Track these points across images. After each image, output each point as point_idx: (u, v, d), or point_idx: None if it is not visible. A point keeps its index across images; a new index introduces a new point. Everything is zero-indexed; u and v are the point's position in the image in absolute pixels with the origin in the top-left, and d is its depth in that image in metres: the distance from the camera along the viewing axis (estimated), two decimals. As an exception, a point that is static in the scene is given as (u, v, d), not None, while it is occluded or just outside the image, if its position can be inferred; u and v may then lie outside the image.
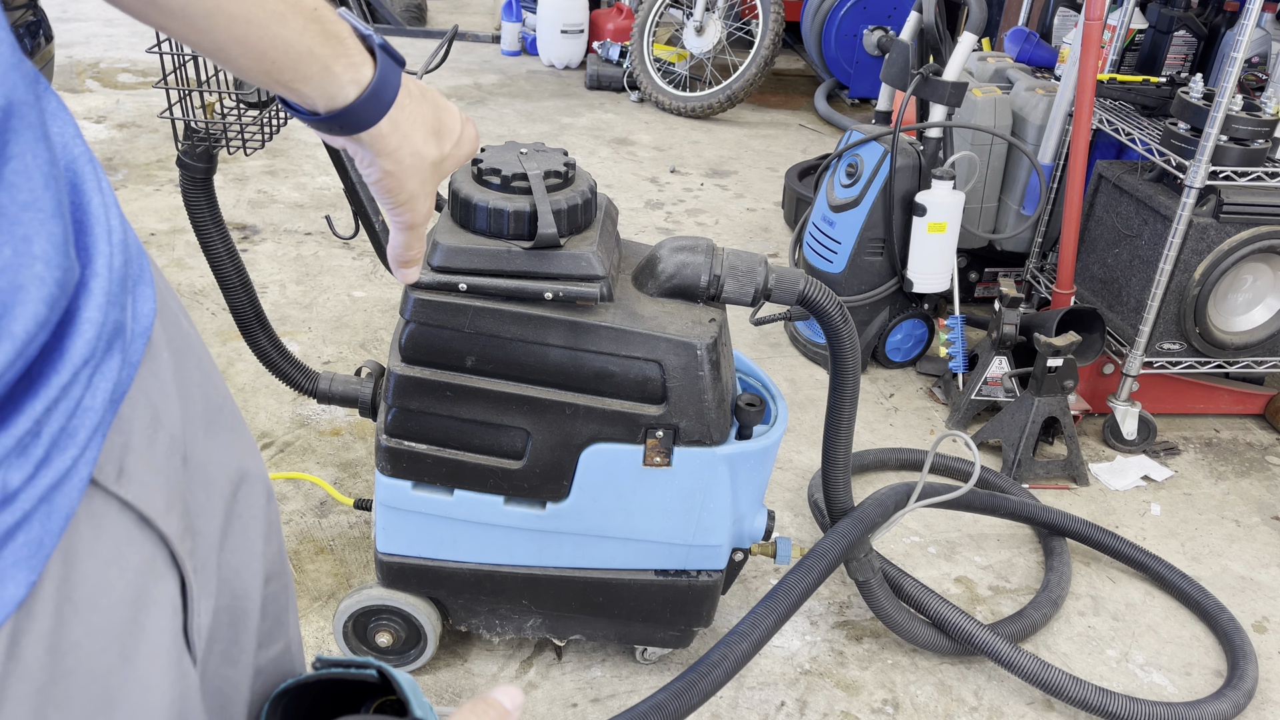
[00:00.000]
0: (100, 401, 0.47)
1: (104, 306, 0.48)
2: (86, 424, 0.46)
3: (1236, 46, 2.13)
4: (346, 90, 0.66)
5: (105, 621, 0.47)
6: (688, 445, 1.49)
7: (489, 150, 1.52)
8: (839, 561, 1.67)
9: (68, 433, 0.45)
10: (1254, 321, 2.48)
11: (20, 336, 0.41)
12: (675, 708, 1.43)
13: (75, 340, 0.45)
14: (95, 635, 0.47)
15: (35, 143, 0.43)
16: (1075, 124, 2.46)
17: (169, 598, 0.53)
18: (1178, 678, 1.89)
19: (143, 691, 0.49)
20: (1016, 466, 2.36)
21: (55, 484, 0.44)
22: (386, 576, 1.66)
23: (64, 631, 0.45)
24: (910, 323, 2.76)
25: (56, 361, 0.45)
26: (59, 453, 0.45)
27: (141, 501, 0.51)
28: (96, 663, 0.47)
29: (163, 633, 0.52)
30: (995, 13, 4.38)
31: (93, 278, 0.48)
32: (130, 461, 0.51)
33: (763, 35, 4.67)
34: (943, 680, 1.84)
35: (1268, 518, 2.36)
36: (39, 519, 0.43)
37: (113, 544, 0.49)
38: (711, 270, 1.50)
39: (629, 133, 4.61)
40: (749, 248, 3.38)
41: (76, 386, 0.46)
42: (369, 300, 2.97)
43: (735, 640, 1.53)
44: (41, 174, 0.43)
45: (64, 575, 0.45)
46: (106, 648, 0.47)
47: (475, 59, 5.58)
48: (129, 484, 0.50)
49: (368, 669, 0.61)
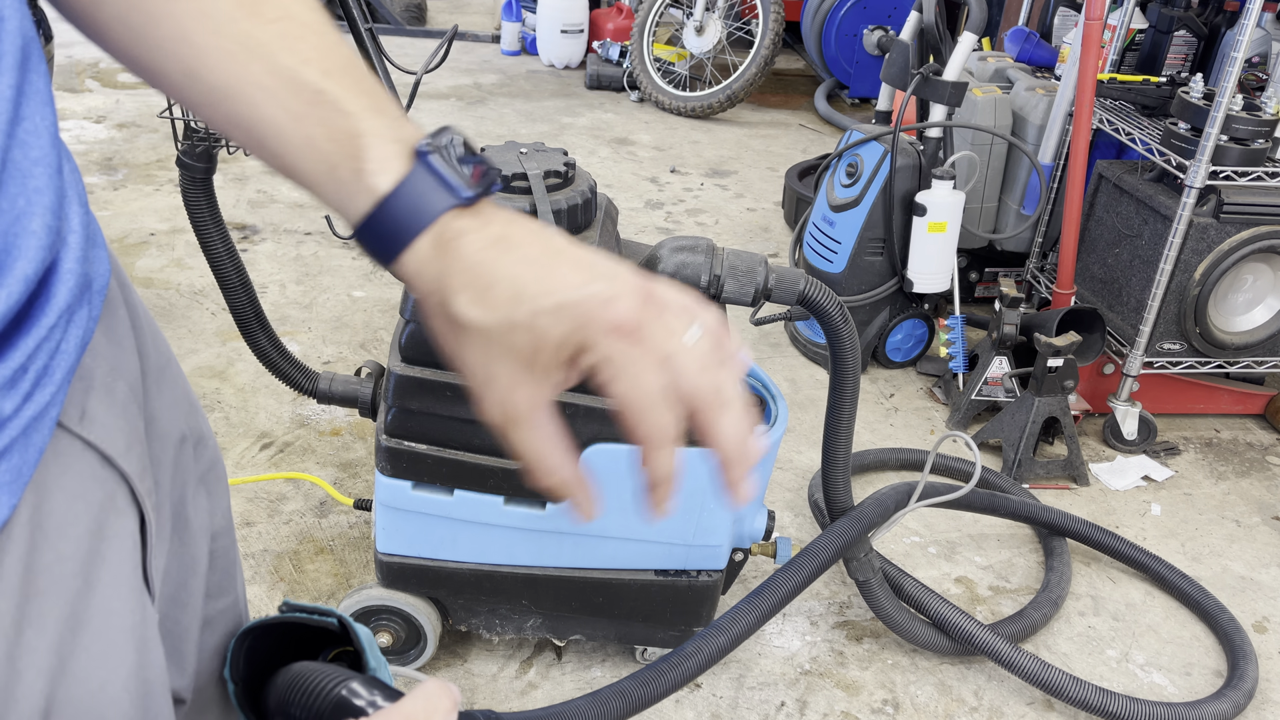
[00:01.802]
0: (73, 347, 0.51)
1: (80, 259, 0.51)
2: (62, 365, 0.50)
3: (1237, 46, 2.13)
4: (357, 200, 0.52)
5: (73, 549, 0.51)
6: (687, 445, 1.49)
7: (489, 150, 1.52)
8: (831, 561, 1.66)
9: (48, 371, 0.49)
10: (1254, 321, 2.48)
11: (28, 277, 0.45)
12: (640, 695, 1.39)
13: (59, 288, 0.49)
14: (64, 560, 0.50)
15: (43, 105, 0.47)
16: (1075, 124, 2.46)
17: (129, 532, 0.56)
18: (1178, 678, 1.89)
19: (105, 615, 0.52)
20: (1017, 466, 2.36)
21: (35, 417, 0.48)
22: (386, 576, 1.66)
23: (36, 555, 0.49)
24: (910, 323, 2.76)
25: (45, 305, 0.48)
26: (40, 389, 0.48)
27: (103, 441, 0.53)
28: (66, 586, 0.50)
29: (123, 563, 0.55)
30: (995, 12, 4.38)
31: (70, 234, 0.51)
32: (91, 405, 0.53)
33: (763, 35, 4.67)
34: (943, 680, 1.84)
35: (1268, 518, 2.36)
36: (19, 449, 0.47)
37: (78, 479, 0.52)
38: (711, 270, 1.50)
39: (629, 132, 4.61)
40: (749, 248, 3.38)
41: (58, 330, 0.49)
42: (369, 300, 2.97)
43: (713, 634, 1.51)
44: (49, 134, 0.46)
45: (36, 504, 0.49)
46: (75, 572, 0.51)
47: (475, 59, 5.58)
48: (91, 425, 0.53)
49: (329, 617, 0.64)
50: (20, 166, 0.45)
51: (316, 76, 0.51)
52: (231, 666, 0.66)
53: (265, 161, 0.54)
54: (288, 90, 0.51)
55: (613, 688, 1.38)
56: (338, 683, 0.58)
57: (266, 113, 0.51)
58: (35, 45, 0.48)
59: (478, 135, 4.41)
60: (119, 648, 0.54)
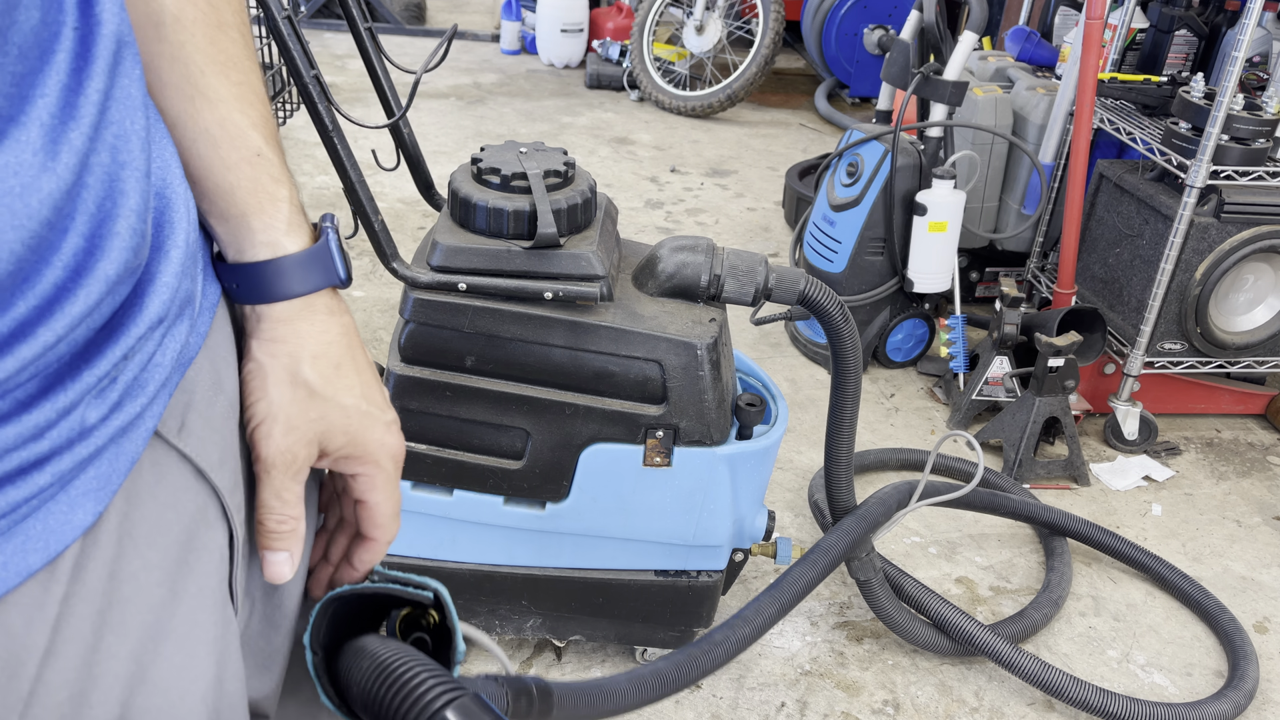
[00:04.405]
0: (169, 359, 0.52)
1: (179, 274, 0.52)
2: (155, 378, 0.51)
3: (1238, 46, 2.13)
4: (257, 249, 0.59)
5: (161, 558, 0.53)
6: (688, 445, 1.49)
7: (488, 149, 1.51)
8: (843, 557, 1.67)
9: (139, 383, 0.50)
10: (1255, 321, 2.47)
11: (109, 278, 0.46)
12: (675, 678, 1.41)
13: (152, 299, 0.50)
14: (151, 569, 0.52)
15: (134, 110, 0.48)
16: (1076, 123, 2.46)
17: (217, 546, 0.58)
18: (1179, 678, 1.89)
19: (188, 626, 0.54)
20: (1017, 466, 2.35)
21: (125, 427, 0.49)
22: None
23: (122, 561, 0.50)
24: (911, 322, 2.75)
25: (136, 315, 0.49)
26: (130, 400, 0.50)
27: (198, 455, 0.56)
28: (151, 595, 0.52)
29: (209, 575, 0.56)
30: (996, 11, 4.37)
31: (173, 247, 0.53)
32: (191, 419, 0.56)
33: (763, 34, 4.67)
34: (943, 681, 1.84)
35: (1269, 518, 2.36)
36: (109, 457, 0.48)
37: (171, 490, 0.54)
38: (712, 270, 1.50)
39: (629, 132, 4.61)
40: (749, 247, 3.38)
41: (149, 342, 0.51)
42: (368, 300, 2.97)
43: (738, 624, 1.51)
44: (138, 138, 0.48)
45: (125, 511, 0.51)
46: (161, 581, 0.53)
47: (474, 58, 5.58)
48: (188, 438, 0.55)
49: (425, 590, 0.64)
50: (107, 170, 0.46)
51: (260, 140, 0.59)
52: (313, 634, 0.65)
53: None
54: (231, 143, 0.57)
55: (651, 667, 1.39)
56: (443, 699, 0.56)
57: (203, 151, 0.57)
58: (131, 49, 0.48)
59: (477, 135, 4.41)
60: (199, 660, 0.55)
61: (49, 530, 0.46)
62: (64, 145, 0.43)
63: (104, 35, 0.46)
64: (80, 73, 0.45)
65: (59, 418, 0.45)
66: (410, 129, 1.59)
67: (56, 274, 0.44)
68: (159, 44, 0.55)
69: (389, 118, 1.49)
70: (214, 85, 0.57)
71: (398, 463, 0.66)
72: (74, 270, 0.44)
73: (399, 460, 0.66)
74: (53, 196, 0.42)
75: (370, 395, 0.64)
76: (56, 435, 0.45)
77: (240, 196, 0.58)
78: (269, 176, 0.59)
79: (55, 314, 0.44)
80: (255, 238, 0.59)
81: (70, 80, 0.44)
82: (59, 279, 0.44)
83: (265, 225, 0.59)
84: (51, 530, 0.46)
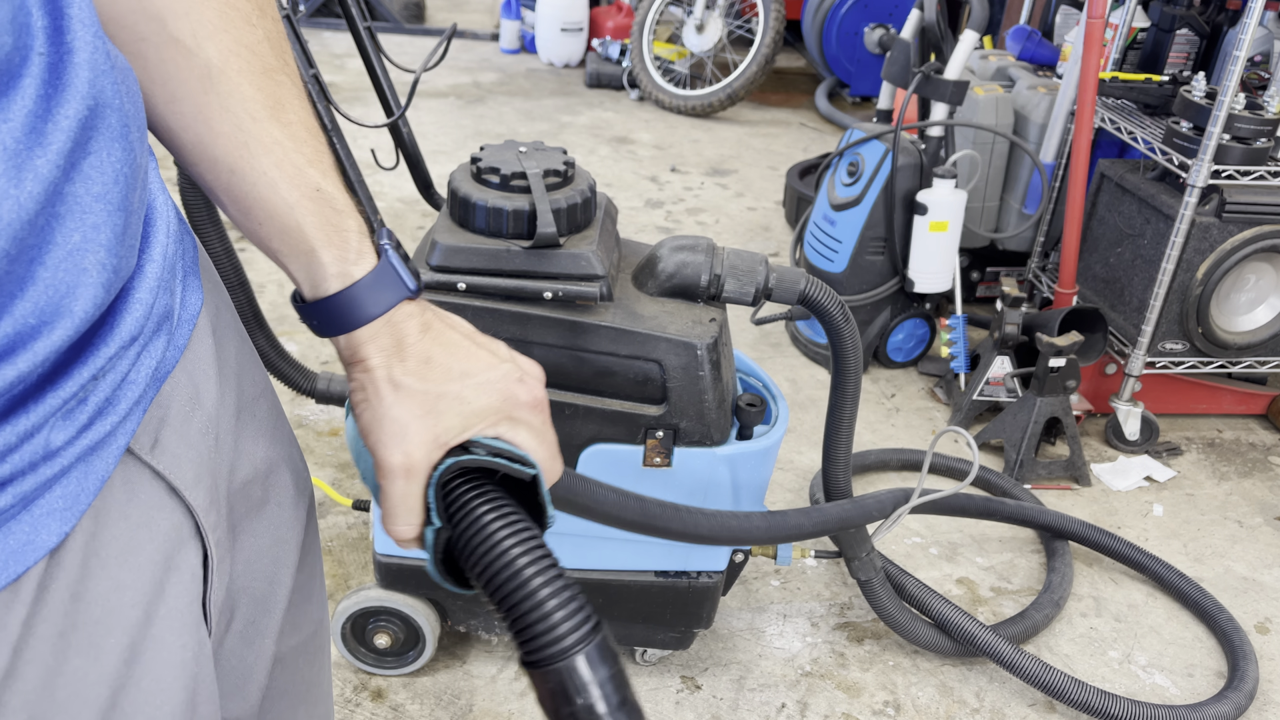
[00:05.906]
0: (144, 377, 0.51)
1: (154, 289, 0.51)
2: (129, 396, 0.50)
3: (1239, 45, 2.13)
4: (330, 282, 0.60)
5: (134, 578, 0.52)
6: (688, 445, 1.48)
7: (488, 149, 1.51)
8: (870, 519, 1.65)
9: (111, 402, 0.49)
10: (1257, 321, 2.47)
11: (80, 316, 0.45)
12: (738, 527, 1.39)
13: (125, 318, 0.49)
14: (123, 590, 0.51)
15: (112, 141, 0.47)
16: (1077, 123, 2.45)
17: (191, 566, 0.57)
18: (1180, 679, 1.89)
19: (160, 648, 0.53)
20: (1018, 467, 2.35)
21: (94, 446, 0.48)
22: (385, 577, 1.65)
23: (89, 582, 0.49)
24: (912, 322, 2.75)
25: (106, 336, 0.48)
26: (101, 419, 0.48)
27: (171, 472, 0.55)
28: (125, 616, 0.51)
29: (182, 596, 0.56)
30: (997, 11, 4.37)
31: (148, 261, 0.52)
32: (165, 435, 0.55)
33: (763, 33, 4.66)
34: (944, 682, 1.84)
35: (1270, 518, 2.35)
36: (76, 476, 0.47)
37: (143, 509, 0.53)
38: (712, 269, 1.49)
39: (629, 131, 4.60)
40: (750, 247, 3.37)
41: (123, 361, 0.49)
42: (368, 299, 2.96)
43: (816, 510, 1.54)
44: (114, 169, 0.47)
45: (94, 531, 0.49)
46: (135, 602, 0.52)
47: (474, 57, 5.57)
48: (161, 455, 0.54)
49: (530, 468, 0.64)
50: (80, 202, 0.45)
51: (317, 176, 0.59)
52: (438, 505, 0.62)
53: (244, 232, 0.60)
54: (291, 183, 0.58)
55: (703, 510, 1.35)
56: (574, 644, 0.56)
57: (264, 194, 0.58)
58: (108, 79, 0.47)
59: (477, 134, 4.40)
60: (172, 683, 0.55)
61: (10, 551, 0.44)
62: (28, 172, 0.41)
63: (78, 64, 0.44)
64: (49, 99, 0.43)
65: (20, 441, 0.44)
66: (409, 128, 1.59)
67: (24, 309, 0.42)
68: (207, 95, 0.55)
69: (388, 117, 1.49)
70: (266, 130, 0.57)
71: (535, 408, 0.65)
72: (42, 309, 0.42)
73: (535, 405, 0.65)
74: (12, 226, 0.40)
75: (474, 369, 0.63)
76: (18, 459, 0.44)
77: (307, 233, 0.59)
78: (332, 209, 0.59)
79: (18, 353, 0.42)
80: (326, 270, 0.60)
81: (37, 107, 0.42)
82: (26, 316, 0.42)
83: (335, 258, 0.60)
84: (13, 551, 0.44)
